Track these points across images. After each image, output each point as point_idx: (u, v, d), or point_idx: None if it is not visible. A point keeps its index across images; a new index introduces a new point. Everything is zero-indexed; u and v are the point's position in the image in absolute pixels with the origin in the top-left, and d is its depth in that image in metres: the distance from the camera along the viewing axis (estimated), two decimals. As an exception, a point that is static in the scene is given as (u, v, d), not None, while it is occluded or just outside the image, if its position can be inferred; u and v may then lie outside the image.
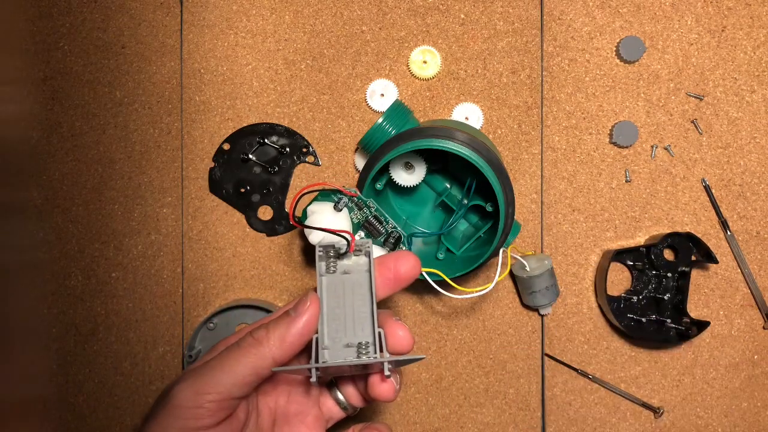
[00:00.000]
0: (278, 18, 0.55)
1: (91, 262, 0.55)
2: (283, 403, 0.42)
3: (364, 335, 0.39)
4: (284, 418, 0.42)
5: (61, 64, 0.55)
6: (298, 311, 0.38)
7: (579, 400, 0.55)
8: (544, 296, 0.52)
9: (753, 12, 0.54)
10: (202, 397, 0.37)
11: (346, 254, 0.41)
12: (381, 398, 0.39)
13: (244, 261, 0.55)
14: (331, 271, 0.41)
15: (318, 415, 0.42)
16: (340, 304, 0.40)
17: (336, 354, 0.39)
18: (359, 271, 0.40)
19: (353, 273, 0.40)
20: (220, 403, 0.37)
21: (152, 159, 0.55)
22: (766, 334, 0.55)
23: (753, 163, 0.54)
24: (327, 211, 0.45)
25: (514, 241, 0.55)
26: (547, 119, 0.55)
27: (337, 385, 0.43)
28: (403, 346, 0.39)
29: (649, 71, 0.54)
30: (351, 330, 0.39)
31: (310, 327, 0.38)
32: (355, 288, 0.40)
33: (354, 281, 0.40)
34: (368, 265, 0.40)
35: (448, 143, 0.45)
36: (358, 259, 0.41)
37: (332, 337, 0.39)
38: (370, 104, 0.54)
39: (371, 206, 0.45)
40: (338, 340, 0.39)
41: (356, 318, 0.40)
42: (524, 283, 0.52)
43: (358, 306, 0.40)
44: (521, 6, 0.54)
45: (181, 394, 0.37)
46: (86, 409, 0.55)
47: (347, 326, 0.40)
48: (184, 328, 0.55)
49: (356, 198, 0.44)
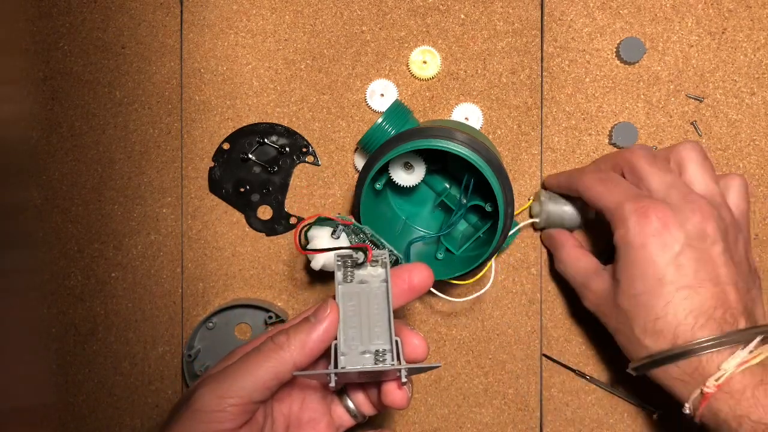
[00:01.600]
0: (278, 18, 0.55)
1: (90, 262, 0.55)
2: (297, 410, 0.43)
3: (380, 343, 0.40)
4: (297, 424, 0.43)
5: (61, 64, 0.55)
6: (319, 317, 0.39)
7: (576, 401, 0.55)
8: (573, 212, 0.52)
9: (753, 14, 0.54)
10: (224, 400, 0.37)
11: (363, 264, 0.42)
12: (394, 405, 0.40)
13: (243, 260, 0.55)
14: (349, 281, 0.42)
15: (330, 423, 0.43)
16: (356, 312, 0.41)
17: (353, 360, 0.40)
18: (375, 281, 0.42)
19: (370, 283, 0.42)
20: (242, 407, 0.38)
21: (152, 159, 0.55)
22: (765, 336, 0.55)
23: (752, 166, 0.54)
24: (326, 236, 0.46)
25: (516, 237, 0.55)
26: (547, 120, 0.55)
27: (348, 393, 0.44)
28: (419, 355, 0.40)
29: (649, 73, 0.54)
30: (367, 338, 0.40)
31: (330, 333, 0.39)
32: (372, 297, 0.41)
33: (370, 291, 0.42)
34: (385, 275, 0.42)
35: (448, 143, 0.45)
36: (373, 270, 0.42)
37: (349, 344, 0.40)
38: (370, 104, 0.54)
39: (367, 232, 0.46)
40: (355, 348, 0.40)
41: (372, 326, 0.41)
42: (554, 218, 0.53)
43: (374, 314, 0.41)
44: (521, 6, 0.54)
45: (203, 398, 0.38)
46: (86, 409, 0.55)
47: (363, 334, 0.41)
48: (183, 327, 0.55)
49: (351, 225, 0.46)
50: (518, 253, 0.55)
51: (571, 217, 0.52)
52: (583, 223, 0.52)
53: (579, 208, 0.52)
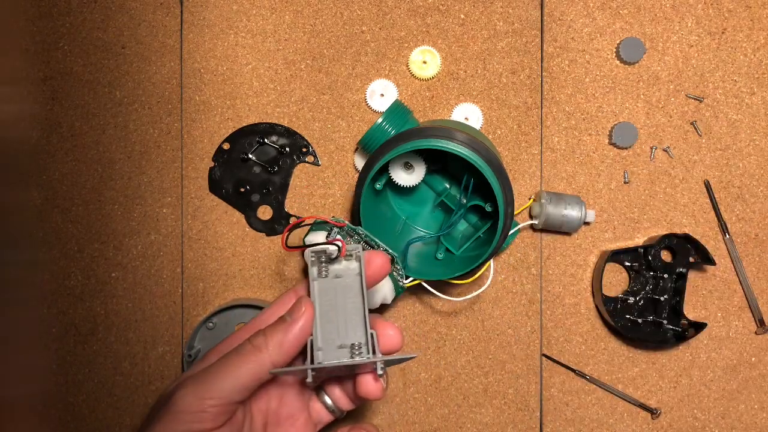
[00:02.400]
0: (278, 18, 0.55)
1: (90, 262, 0.55)
2: (275, 407, 0.43)
3: (356, 336, 0.41)
4: (276, 421, 0.43)
5: (61, 64, 0.55)
6: (294, 317, 0.40)
7: (576, 401, 0.55)
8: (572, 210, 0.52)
9: (753, 14, 0.54)
10: (204, 402, 0.38)
11: (336, 259, 0.42)
12: (370, 397, 0.41)
13: (243, 260, 0.55)
14: (323, 276, 0.42)
15: (308, 419, 0.44)
16: (332, 307, 0.42)
17: (330, 355, 0.41)
18: (350, 274, 0.42)
19: (344, 277, 0.42)
20: (221, 407, 0.39)
21: (152, 159, 0.55)
22: (764, 337, 0.55)
23: (752, 165, 0.55)
24: (322, 239, 0.47)
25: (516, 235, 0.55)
26: (547, 120, 0.55)
27: (324, 389, 0.44)
28: (394, 345, 0.41)
29: (649, 73, 0.54)
30: (344, 332, 0.41)
31: (306, 331, 0.40)
32: (347, 291, 0.42)
33: (345, 285, 0.42)
34: (359, 269, 0.42)
35: (448, 143, 0.45)
36: (348, 264, 0.42)
37: (326, 338, 0.41)
38: (370, 104, 0.54)
39: (361, 233, 0.46)
40: (331, 342, 0.41)
41: (348, 320, 0.41)
42: (554, 219, 0.53)
43: (349, 308, 0.42)
44: (521, 6, 0.54)
45: (183, 399, 0.38)
46: (86, 409, 0.55)
47: (339, 328, 0.41)
48: (183, 327, 0.55)
49: (345, 227, 0.46)
50: (518, 253, 0.55)
51: (570, 220, 0.52)
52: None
53: (579, 212, 0.52)
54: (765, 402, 0.55)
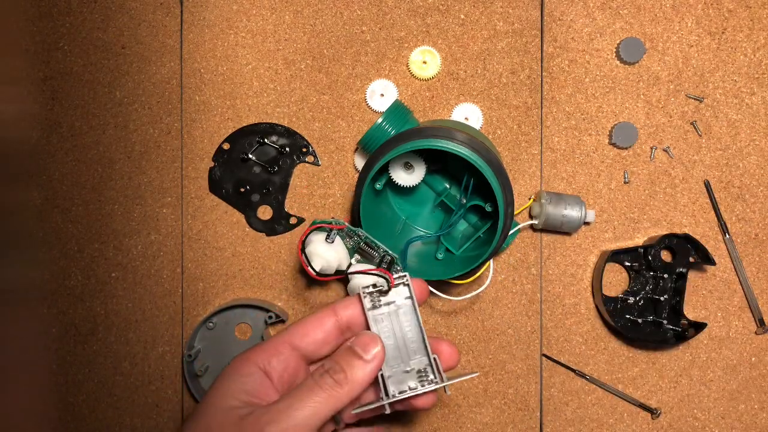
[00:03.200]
0: (278, 18, 0.55)
1: (90, 262, 0.55)
2: None
3: (419, 361, 0.43)
4: None
5: (61, 64, 0.55)
6: (373, 354, 0.41)
7: (576, 401, 0.55)
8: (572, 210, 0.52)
9: (753, 14, 0.54)
10: None
11: (387, 291, 0.44)
12: (425, 408, 0.44)
13: (243, 260, 0.55)
14: (377, 306, 0.44)
15: None
16: (390, 334, 0.43)
17: (399, 383, 0.43)
18: (400, 298, 0.44)
19: (396, 302, 0.44)
20: None
21: (152, 159, 0.55)
22: (764, 337, 0.55)
23: (752, 166, 0.55)
24: (321, 241, 0.47)
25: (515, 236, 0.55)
26: (547, 120, 0.55)
27: None
28: (453, 362, 0.44)
29: (649, 73, 0.54)
30: (406, 357, 0.43)
31: (380, 366, 0.42)
32: (401, 316, 0.44)
33: (398, 309, 0.44)
34: (409, 292, 0.44)
35: (448, 143, 0.45)
36: (397, 290, 0.44)
37: (391, 365, 0.43)
38: (370, 104, 0.54)
39: (360, 235, 0.46)
40: (397, 369, 0.43)
41: (408, 345, 0.43)
42: (554, 219, 0.53)
43: (407, 334, 0.43)
44: (521, 6, 0.54)
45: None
46: (86, 409, 0.55)
47: (402, 355, 0.43)
48: (183, 327, 0.55)
49: (345, 229, 0.46)
50: (518, 253, 0.55)
51: (570, 220, 0.52)
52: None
53: (579, 212, 0.52)
54: (765, 402, 0.55)
